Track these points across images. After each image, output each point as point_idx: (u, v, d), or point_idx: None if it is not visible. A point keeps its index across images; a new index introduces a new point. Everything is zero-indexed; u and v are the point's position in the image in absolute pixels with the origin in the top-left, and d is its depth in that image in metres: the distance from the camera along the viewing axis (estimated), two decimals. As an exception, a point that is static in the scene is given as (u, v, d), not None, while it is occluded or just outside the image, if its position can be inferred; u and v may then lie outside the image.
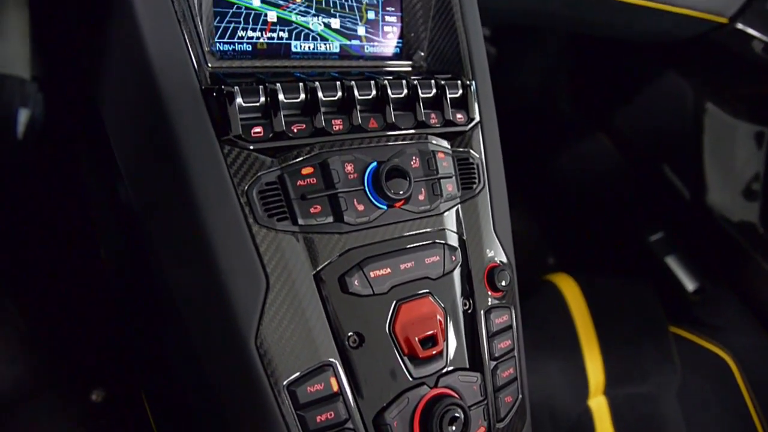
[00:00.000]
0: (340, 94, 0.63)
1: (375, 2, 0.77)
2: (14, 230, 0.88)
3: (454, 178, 0.71)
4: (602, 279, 1.37)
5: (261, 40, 0.69)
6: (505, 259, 0.75)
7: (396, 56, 0.79)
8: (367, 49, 0.77)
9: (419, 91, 0.68)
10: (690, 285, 1.48)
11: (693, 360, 1.31)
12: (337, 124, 0.63)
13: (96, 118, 0.73)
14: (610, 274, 1.60)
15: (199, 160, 0.57)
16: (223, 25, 0.67)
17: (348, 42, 0.75)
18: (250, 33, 0.68)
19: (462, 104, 0.73)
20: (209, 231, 0.57)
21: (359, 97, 0.64)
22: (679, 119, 1.47)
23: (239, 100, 0.57)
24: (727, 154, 1.42)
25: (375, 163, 0.64)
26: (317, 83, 0.62)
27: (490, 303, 0.72)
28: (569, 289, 1.27)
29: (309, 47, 0.73)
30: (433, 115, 0.70)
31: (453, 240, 0.70)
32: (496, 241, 0.74)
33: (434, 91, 0.70)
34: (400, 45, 0.79)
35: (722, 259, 1.46)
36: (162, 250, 0.65)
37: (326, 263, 0.61)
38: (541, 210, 1.75)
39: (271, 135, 0.59)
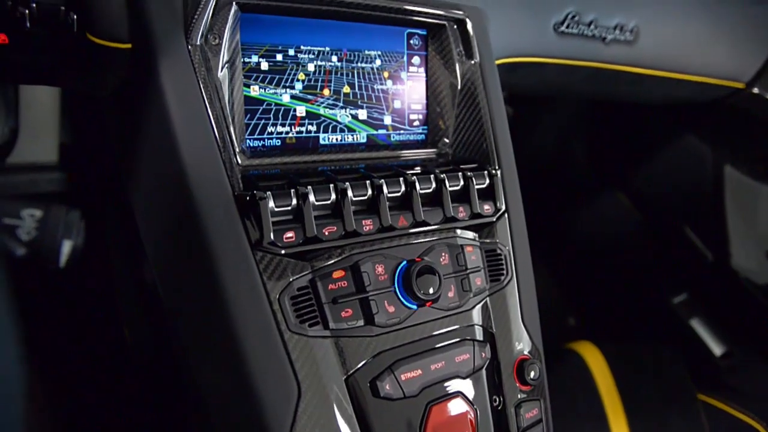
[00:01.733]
0: (369, 192, 0.64)
1: (401, 91, 0.78)
2: (40, 306, 0.89)
3: (482, 271, 0.71)
4: (627, 346, 1.34)
5: (290, 135, 0.70)
6: (534, 350, 0.74)
7: (421, 143, 0.80)
8: (393, 137, 0.78)
9: (446, 184, 0.69)
10: (717, 349, 1.45)
11: (723, 430, 1.27)
12: (368, 225, 0.63)
13: (126, 205, 0.74)
14: (633, 337, 1.57)
15: (231, 268, 0.57)
16: (253, 122, 0.68)
17: (375, 132, 0.76)
18: (279, 128, 0.70)
19: (489, 195, 0.73)
20: (240, 338, 0.57)
21: (388, 195, 0.65)
22: (698, 181, 1.46)
23: (271, 204, 0.58)
24: (749, 217, 1.40)
25: (405, 263, 0.64)
26: (347, 184, 0.62)
27: (519, 397, 0.71)
28: (593, 358, 1.24)
29: (337, 139, 0.74)
30: (461, 209, 0.70)
31: (482, 335, 0.69)
32: (525, 332, 0.73)
33: (461, 183, 0.71)
34: (425, 132, 0.80)
35: (750, 323, 1.43)
36: (192, 350, 0.64)
37: (357, 367, 0.60)
38: (561, 270, 1.73)
39: (302, 240, 0.59)
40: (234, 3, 0.63)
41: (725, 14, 1.21)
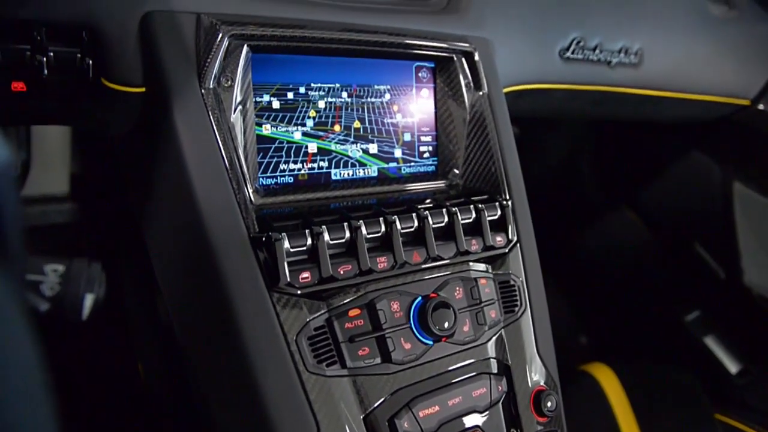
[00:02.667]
0: (383, 229, 0.64)
1: (411, 124, 0.79)
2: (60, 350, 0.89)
3: (496, 303, 0.71)
4: (641, 366, 1.33)
5: (302, 171, 0.71)
6: (550, 381, 0.74)
7: (432, 175, 0.80)
8: (404, 170, 0.78)
9: (459, 217, 0.69)
10: (733, 367, 1.44)
11: (742, 449, 1.25)
12: (382, 262, 0.63)
13: (140, 243, 0.75)
14: (646, 356, 1.56)
15: (248, 309, 0.57)
16: (266, 160, 0.69)
17: (386, 165, 0.77)
18: (291, 165, 0.70)
19: (501, 226, 0.73)
20: (258, 378, 0.57)
21: (401, 231, 0.65)
22: (707, 198, 1.46)
23: (286, 245, 0.58)
24: (760, 233, 1.40)
25: (420, 298, 0.64)
26: (361, 222, 0.62)
27: (537, 429, 0.71)
28: (607, 380, 1.23)
29: (348, 174, 0.74)
30: (473, 242, 0.70)
31: (498, 368, 0.69)
32: (540, 363, 0.73)
33: (473, 215, 0.71)
34: (435, 163, 0.81)
35: (765, 340, 1.42)
36: (208, 389, 0.65)
37: (375, 405, 0.60)
38: (571, 288, 1.73)
39: (318, 279, 0.59)
40: (245, 45, 0.64)
41: (728, 32, 1.22)
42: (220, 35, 0.62)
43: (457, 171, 0.80)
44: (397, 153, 0.78)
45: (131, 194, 0.78)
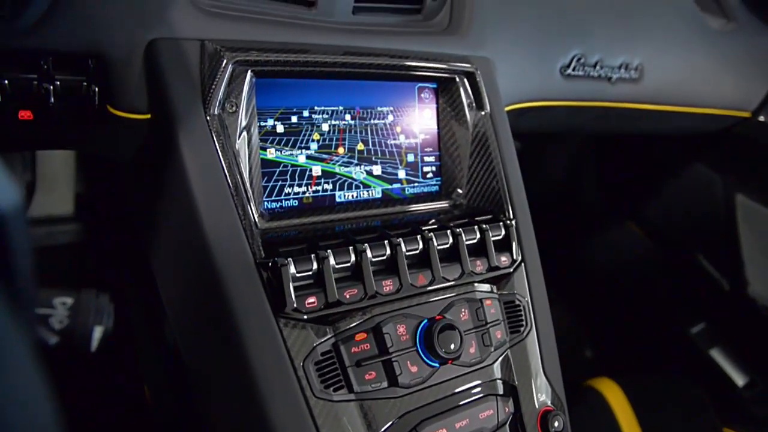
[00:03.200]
0: (388, 252, 0.64)
1: (414, 145, 0.79)
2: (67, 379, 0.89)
3: (502, 324, 0.71)
4: (646, 379, 1.33)
5: (307, 194, 0.72)
6: (556, 401, 0.74)
7: (436, 195, 0.81)
8: (407, 191, 0.79)
9: (463, 238, 0.69)
10: (740, 380, 1.43)
11: (751, 463, 1.24)
12: (387, 285, 0.63)
13: (145, 267, 0.75)
14: (651, 368, 1.55)
15: (255, 335, 0.57)
16: (270, 184, 0.69)
17: (389, 186, 0.77)
18: (296, 189, 0.71)
19: (505, 246, 0.74)
20: (265, 404, 0.57)
21: (406, 253, 0.65)
22: (710, 209, 1.46)
23: (292, 270, 0.59)
24: (764, 244, 1.40)
25: (426, 321, 0.64)
26: (366, 245, 0.63)
27: (545, 450, 0.70)
28: (613, 395, 1.23)
29: (353, 196, 0.75)
30: (478, 262, 0.70)
31: (504, 389, 0.69)
32: (546, 382, 0.73)
33: (477, 236, 0.71)
34: (439, 183, 0.81)
35: (771, 352, 1.41)
36: (215, 414, 0.65)
37: (383, 430, 0.60)
38: (575, 301, 1.72)
39: (324, 304, 0.60)
40: (249, 70, 0.65)
41: (727, 45, 1.23)
42: (225, 61, 0.62)
43: (460, 191, 0.80)
44: (401, 174, 0.78)
45: (136, 217, 0.79)
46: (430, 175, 0.81)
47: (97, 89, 0.63)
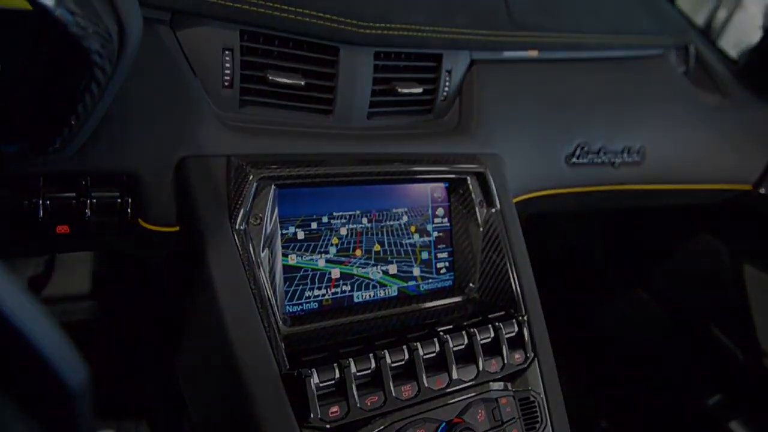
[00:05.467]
0: (406, 356, 0.67)
1: (428, 242, 0.82)
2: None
3: (518, 421, 0.72)
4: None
5: (326, 297, 0.74)
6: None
7: (449, 290, 0.83)
8: (422, 287, 0.82)
9: (477, 338, 0.72)
10: (760, 455, 1.42)
11: None
12: (406, 390, 0.65)
13: (167, 359, 0.77)
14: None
15: (280, 446, 0.59)
16: (292, 288, 0.72)
17: (405, 284, 0.80)
18: (316, 292, 0.74)
19: (518, 343, 0.76)
20: None
21: (423, 357, 0.67)
22: (718, 279, 1.47)
23: (316, 380, 0.61)
24: (774, 314, 1.40)
25: (444, 424, 0.66)
26: (385, 351, 0.65)
27: None
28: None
29: (370, 295, 0.77)
30: (493, 362, 0.72)
31: (523, 490, 0.70)
32: (565, 480, 0.74)
33: (491, 334, 0.73)
34: (452, 278, 0.84)
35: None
36: None
37: None
38: (588, 370, 1.72)
39: (346, 413, 0.62)
40: (273, 184, 0.69)
41: (725, 120, 1.27)
42: (251, 177, 0.66)
43: (473, 285, 0.83)
44: (416, 272, 0.81)
45: (157, 310, 0.81)
46: (443, 270, 0.84)
47: (130, 203, 0.67)
